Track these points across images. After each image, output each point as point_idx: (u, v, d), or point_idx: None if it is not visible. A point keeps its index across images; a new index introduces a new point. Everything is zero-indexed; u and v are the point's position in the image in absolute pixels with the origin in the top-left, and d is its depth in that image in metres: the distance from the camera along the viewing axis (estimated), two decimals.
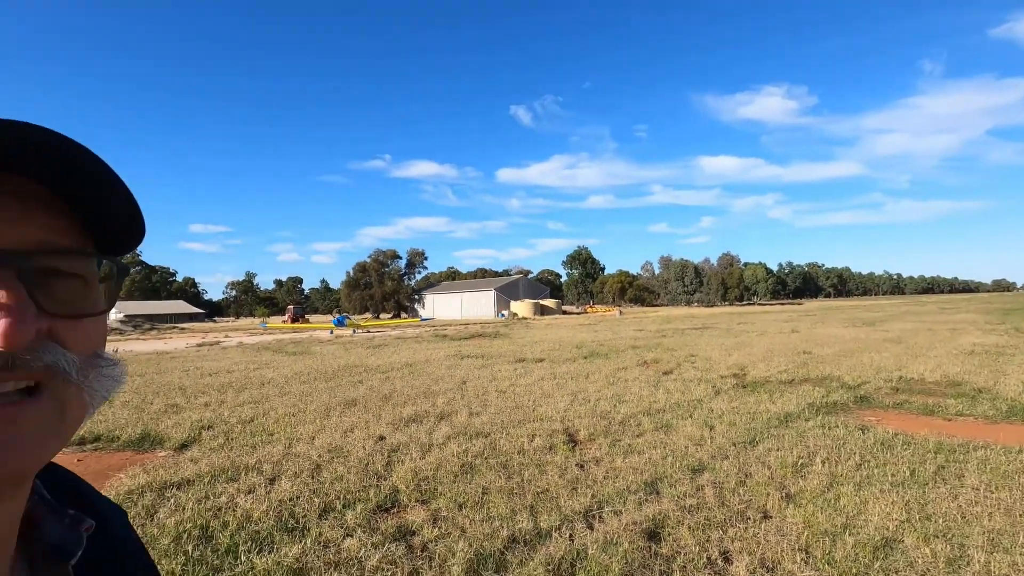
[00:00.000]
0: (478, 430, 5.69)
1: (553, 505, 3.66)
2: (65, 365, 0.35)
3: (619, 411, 6.45)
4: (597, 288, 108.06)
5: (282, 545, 3.13)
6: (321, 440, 5.45)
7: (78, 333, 0.37)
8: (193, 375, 11.20)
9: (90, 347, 0.38)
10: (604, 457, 4.72)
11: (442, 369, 11.06)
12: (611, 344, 15.63)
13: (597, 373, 9.76)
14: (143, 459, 5.06)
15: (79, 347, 0.37)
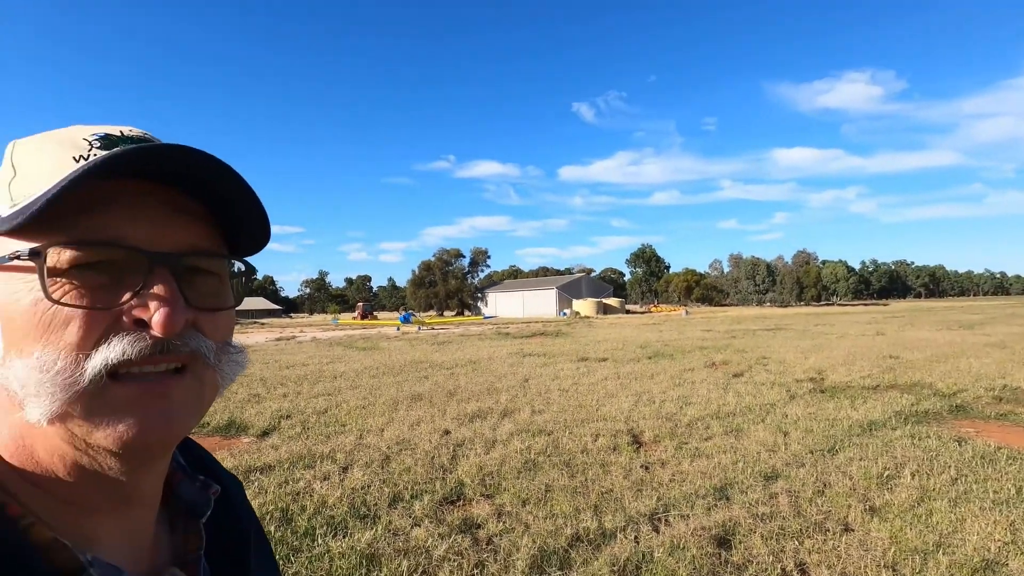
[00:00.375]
0: (541, 428, 5.71)
1: (617, 506, 3.62)
2: (205, 351, 0.40)
3: (686, 413, 6.27)
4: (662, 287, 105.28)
5: (355, 531, 3.28)
6: (390, 432, 5.66)
7: (214, 324, 0.42)
8: (272, 367, 11.92)
9: (222, 336, 0.43)
10: (670, 460, 4.61)
11: (505, 367, 11.17)
12: (677, 344, 15.21)
13: (662, 374, 9.53)
14: (230, 444, 5.45)
15: (215, 336, 0.42)
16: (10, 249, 0.36)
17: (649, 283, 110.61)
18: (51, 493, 0.38)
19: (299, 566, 2.85)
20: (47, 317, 0.36)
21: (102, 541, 0.40)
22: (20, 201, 0.37)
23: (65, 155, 0.39)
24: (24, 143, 0.42)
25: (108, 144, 0.40)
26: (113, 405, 0.36)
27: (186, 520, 0.49)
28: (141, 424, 0.37)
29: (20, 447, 0.38)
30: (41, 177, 0.38)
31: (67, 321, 0.36)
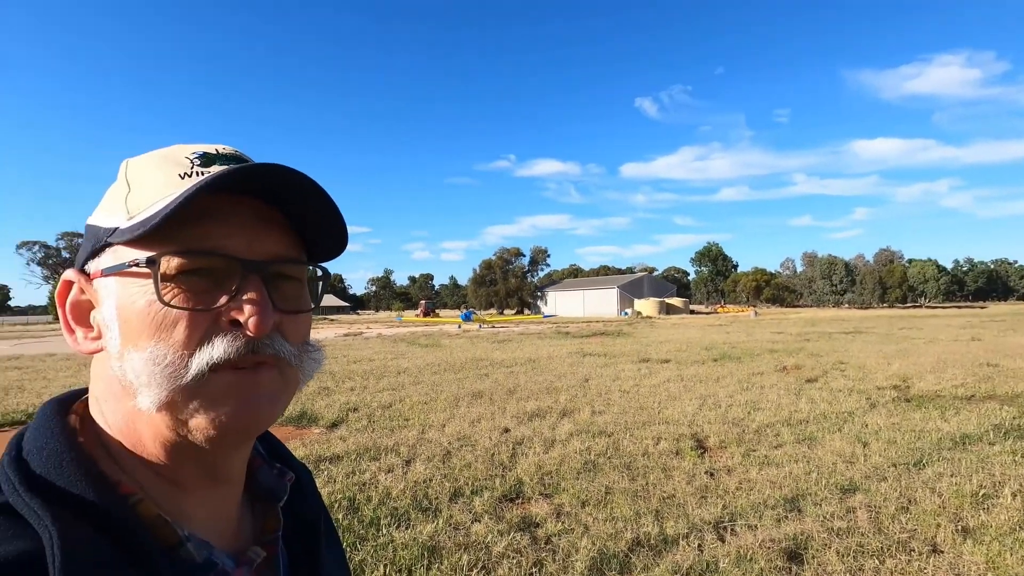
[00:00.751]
0: (601, 429, 5.65)
1: (680, 512, 3.52)
2: (286, 353, 0.45)
3: (754, 419, 6.01)
4: (729, 287, 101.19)
5: (417, 523, 3.37)
6: (451, 428, 5.77)
7: (296, 326, 0.46)
8: (341, 362, 12.45)
9: (302, 337, 0.48)
10: (737, 467, 4.43)
11: (564, 366, 11.13)
12: (745, 347, 14.59)
13: (729, 377, 9.18)
14: (302, 434, 5.74)
15: (295, 337, 0.46)
16: (129, 257, 0.41)
17: (715, 283, 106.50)
18: (155, 473, 0.43)
19: (365, 554, 2.97)
20: (159, 317, 0.41)
21: (195, 518, 0.44)
22: (136, 214, 0.42)
23: (172, 172, 0.44)
24: (136, 161, 0.47)
25: (206, 161, 0.45)
26: (212, 395, 0.41)
27: (265, 504, 0.53)
28: (235, 412, 0.42)
29: (130, 431, 0.43)
30: (153, 193, 0.43)
31: (175, 321, 0.41)
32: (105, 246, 0.43)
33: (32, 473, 0.38)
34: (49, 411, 0.43)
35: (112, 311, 0.42)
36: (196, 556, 0.42)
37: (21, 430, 0.43)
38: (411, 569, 2.83)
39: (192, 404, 0.41)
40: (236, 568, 0.46)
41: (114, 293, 0.42)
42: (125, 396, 0.42)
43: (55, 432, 0.41)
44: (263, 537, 0.51)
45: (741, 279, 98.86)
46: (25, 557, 0.34)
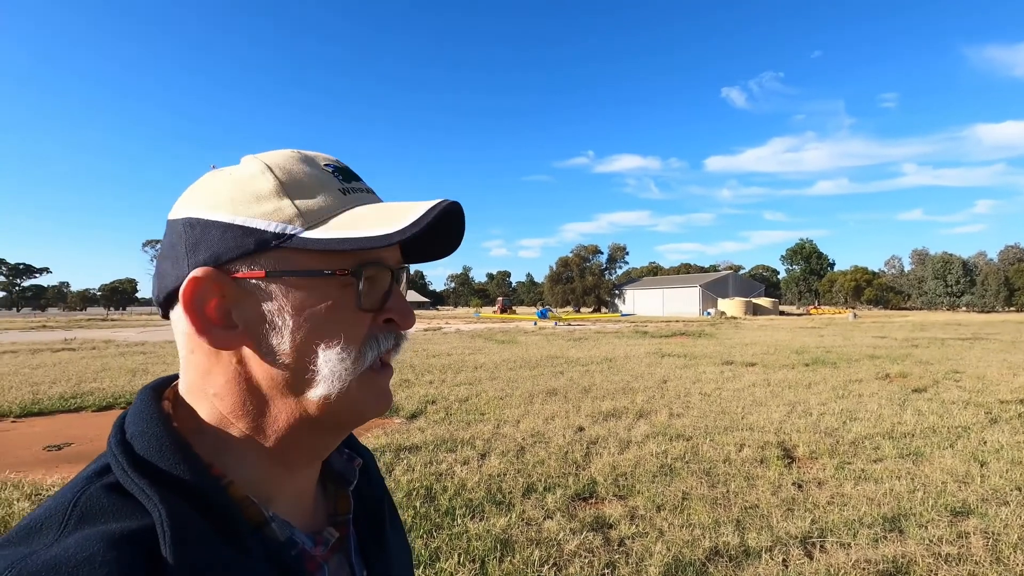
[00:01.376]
0: (679, 432, 5.47)
1: (763, 523, 3.34)
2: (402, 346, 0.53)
3: (850, 430, 5.58)
4: (824, 286, 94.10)
5: (491, 515, 3.44)
6: (525, 424, 5.82)
7: None
8: (421, 356, 12.91)
9: None
10: (829, 480, 4.13)
11: (642, 366, 10.87)
12: (841, 351, 13.53)
13: (822, 383, 8.56)
14: (384, 424, 6.02)
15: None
16: (321, 265, 0.45)
17: (808, 282, 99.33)
18: (250, 458, 0.46)
19: (440, 542, 3.07)
20: (351, 319, 0.47)
21: (279, 500, 0.48)
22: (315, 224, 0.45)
23: (330, 186, 0.48)
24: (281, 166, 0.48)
25: (346, 176, 0.51)
26: (369, 385, 0.48)
27: (336, 486, 0.57)
28: (378, 400, 0.50)
29: (219, 419, 0.46)
30: (325, 205, 0.47)
31: (359, 321, 0.47)
32: (271, 248, 0.44)
33: (137, 455, 0.42)
34: (146, 397, 0.47)
35: (287, 311, 0.44)
36: (279, 535, 0.45)
37: (123, 414, 0.47)
38: (484, 560, 2.89)
39: (355, 392, 0.47)
40: (314, 547, 0.49)
41: (291, 294, 0.45)
42: (271, 389, 0.46)
43: (153, 417, 0.44)
44: (335, 518, 0.55)
45: (838, 278, 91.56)
46: (137, 533, 0.37)
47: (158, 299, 0.48)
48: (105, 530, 0.37)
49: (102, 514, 0.38)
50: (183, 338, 0.47)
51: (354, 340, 0.46)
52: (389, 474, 4.19)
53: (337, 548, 0.52)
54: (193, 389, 0.47)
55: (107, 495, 0.40)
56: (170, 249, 0.47)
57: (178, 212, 0.47)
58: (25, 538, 0.37)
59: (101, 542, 0.36)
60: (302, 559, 0.47)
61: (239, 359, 0.46)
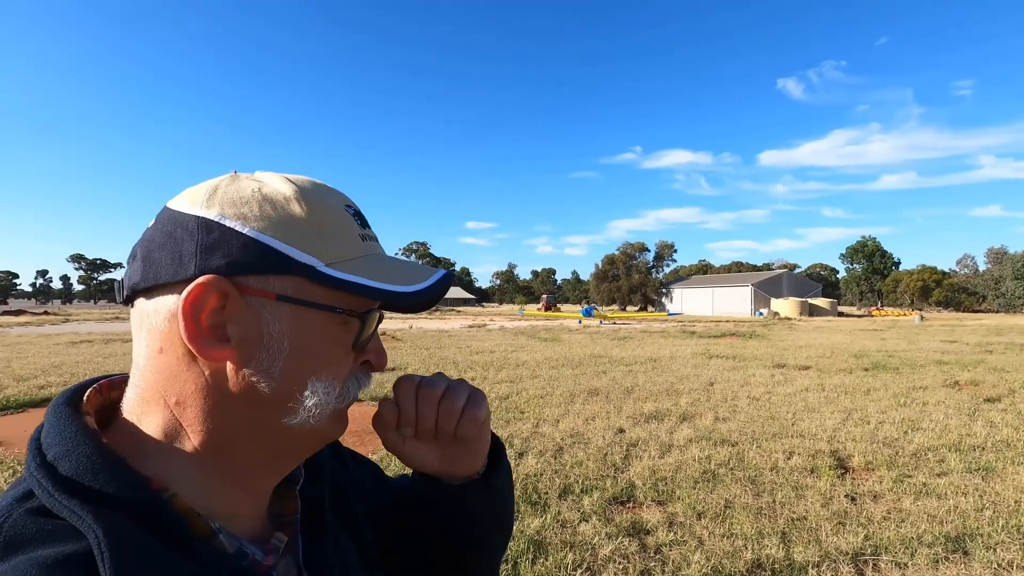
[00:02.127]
0: (724, 437, 5.29)
1: (812, 537, 3.18)
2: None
3: (911, 440, 5.24)
4: (888, 287, 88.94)
5: (525, 516, 3.43)
6: (564, 424, 5.77)
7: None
8: (464, 352, 13.04)
9: None
10: (885, 493, 3.90)
11: (688, 368, 10.59)
12: (905, 356, 12.75)
13: (882, 390, 8.09)
14: None
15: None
16: (331, 300, 0.46)
17: (871, 282, 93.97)
18: (199, 471, 0.45)
19: None
20: (341, 354, 0.48)
21: (224, 514, 0.46)
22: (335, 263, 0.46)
23: (352, 231, 0.49)
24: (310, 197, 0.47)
25: (363, 223, 0.52)
26: (341, 415, 0.51)
27: (282, 487, 0.54)
28: (343, 424, 0.52)
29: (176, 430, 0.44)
30: (346, 249, 0.48)
31: (347, 360, 0.49)
32: (289, 274, 0.44)
33: (63, 477, 0.39)
34: (63, 414, 0.43)
35: (285, 336, 0.44)
36: (228, 547, 0.44)
37: (35, 434, 0.44)
38: (516, 561, 2.88)
39: (326, 423, 0.48)
40: (264, 556, 0.48)
41: (296, 322, 0.45)
42: (245, 408, 0.45)
43: (78, 436, 0.41)
44: (281, 519, 0.53)
45: (903, 278, 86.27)
46: (75, 555, 0.36)
47: (136, 286, 0.44)
48: (37, 556, 0.35)
49: (31, 540, 0.36)
50: (153, 335, 0.44)
51: (339, 376, 0.49)
52: None
53: (286, 551, 0.51)
54: (149, 393, 0.45)
55: (33, 520, 0.38)
56: (170, 242, 0.44)
57: (189, 207, 0.45)
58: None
59: (35, 569, 0.34)
60: (252, 569, 0.46)
61: (214, 371, 0.44)
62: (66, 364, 10.26)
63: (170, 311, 0.43)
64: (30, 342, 15.51)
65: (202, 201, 0.45)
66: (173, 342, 0.43)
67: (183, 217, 0.44)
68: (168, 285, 0.43)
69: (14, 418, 6.10)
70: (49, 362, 10.58)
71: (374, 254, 0.51)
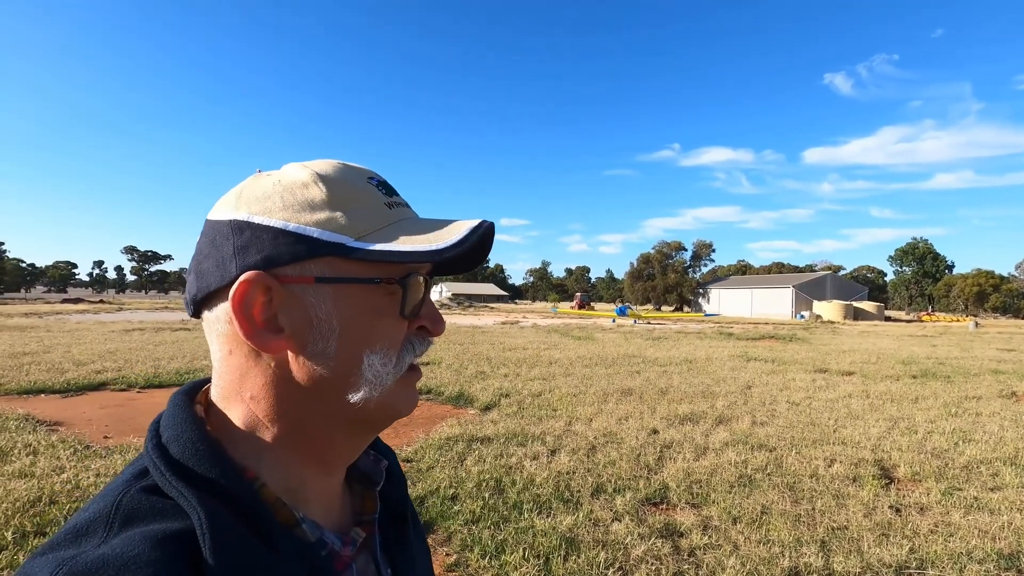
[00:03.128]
0: (762, 442, 5.18)
1: (853, 547, 3.09)
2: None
3: (962, 452, 5.01)
4: (940, 291, 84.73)
5: (558, 513, 3.44)
6: (597, 423, 5.75)
7: None
8: (497, 348, 13.11)
9: None
10: (933, 506, 3.75)
11: (724, 370, 10.38)
12: (957, 364, 12.17)
13: (932, 399, 7.75)
14: (459, 413, 6.18)
15: None
16: (370, 273, 0.48)
17: (921, 286, 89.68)
18: (282, 461, 0.48)
19: (506, 535, 3.11)
20: (392, 325, 0.49)
21: (309, 502, 0.50)
22: (365, 234, 0.47)
23: (377, 200, 0.50)
24: (330, 177, 0.49)
25: (388, 190, 0.52)
26: (405, 387, 0.52)
27: (362, 486, 0.58)
28: (409, 401, 0.53)
29: (252, 423, 0.48)
30: (374, 219, 0.48)
31: (399, 328, 0.50)
32: (322, 256, 0.46)
33: (172, 459, 0.44)
34: (179, 402, 0.49)
35: (334, 316, 0.46)
36: (310, 536, 0.47)
37: (157, 417, 0.49)
38: (548, 557, 2.90)
39: (392, 394, 0.50)
40: (343, 547, 0.51)
41: (340, 300, 0.46)
42: (312, 392, 0.47)
43: (187, 422, 0.46)
44: (361, 517, 0.57)
45: (957, 282, 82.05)
46: (178, 533, 0.39)
47: (195, 298, 0.48)
48: (148, 531, 0.39)
49: (144, 516, 0.40)
50: (221, 339, 0.48)
51: (394, 345, 0.49)
52: (461, 464, 4.30)
53: (363, 547, 0.54)
54: (228, 391, 0.48)
55: (147, 497, 0.42)
56: (213, 250, 0.47)
57: (222, 214, 0.48)
58: (73, 540, 0.39)
59: (145, 542, 0.38)
60: (331, 559, 0.49)
61: (279, 362, 0.47)
62: (120, 351, 10.80)
63: (227, 314, 0.46)
64: (87, 329, 16.39)
65: (231, 205, 0.48)
66: (238, 342, 0.47)
67: (218, 224, 0.48)
68: (219, 291, 0.46)
69: (74, 400, 6.47)
70: (105, 348, 11.16)
71: (405, 219, 0.50)
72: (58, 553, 0.37)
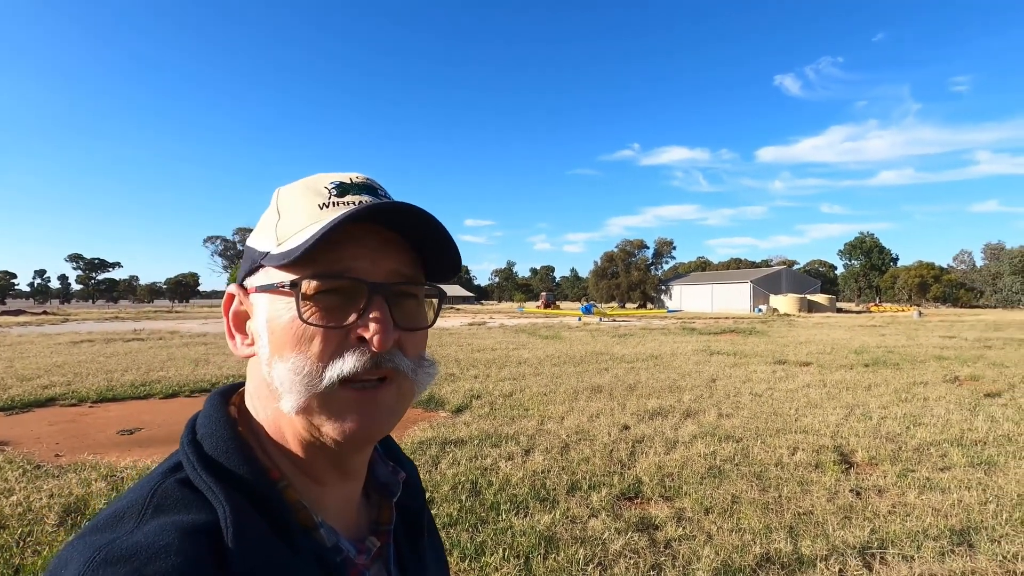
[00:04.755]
0: (728, 433, 5.33)
1: (819, 531, 3.22)
2: (404, 367, 0.49)
3: (914, 435, 5.28)
4: (886, 283, 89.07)
5: (535, 512, 3.46)
6: (569, 421, 5.81)
7: (414, 341, 0.51)
8: (465, 350, 13.06)
9: (419, 352, 0.52)
10: (890, 487, 3.94)
11: (689, 364, 10.64)
12: (905, 352, 12.82)
13: (883, 386, 8.14)
14: (430, 417, 6.13)
15: (413, 352, 0.51)
16: (277, 279, 0.48)
17: (869, 278, 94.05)
18: (295, 465, 0.50)
19: (485, 536, 3.11)
20: (299, 332, 0.46)
21: (326, 508, 0.51)
22: (284, 240, 0.48)
23: (313, 203, 0.50)
24: (285, 191, 0.53)
25: (342, 191, 0.50)
26: (339, 405, 0.47)
27: (379, 496, 0.59)
28: (357, 422, 0.47)
29: (276, 427, 0.50)
30: (298, 222, 0.49)
31: (312, 336, 0.46)
32: (259, 267, 0.50)
33: (205, 455, 0.47)
34: (215, 402, 0.52)
35: (263, 323, 0.49)
36: (326, 540, 0.48)
37: (195, 414, 0.52)
38: (528, 556, 2.91)
39: (323, 411, 0.46)
40: (357, 554, 0.52)
41: (265, 308, 0.49)
42: (271, 397, 0.49)
43: (220, 421, 0.49)
44: (377, 527, 0.57)
45: (901, 274, 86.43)
46: (205, 525, 0.42)
47: None
48: (178, 520, 0.41)
49: (175, 507, 0.43)
50: None
51: (310, 355, 0.46)
52: (435, 467, 4.27)
53: (377, 556, 0.54)
54: (251, 397, 0.53)
55: (179, 490, 0.44)
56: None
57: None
58: (110, 525, 0.41)
59: (175, 531, 0.40)
60: (346, 565, 0.49)
61: (256, 366, 0.51)
62: (68, 363, 10.27)
63: None
64: (31, 342, 15.49)
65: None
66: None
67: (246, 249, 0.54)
68: None
69: (20, 417, 6.11)
70: (51, 362, 10.58)
71: (328, 219, 0.46)
72: (95, 538, 0.40)
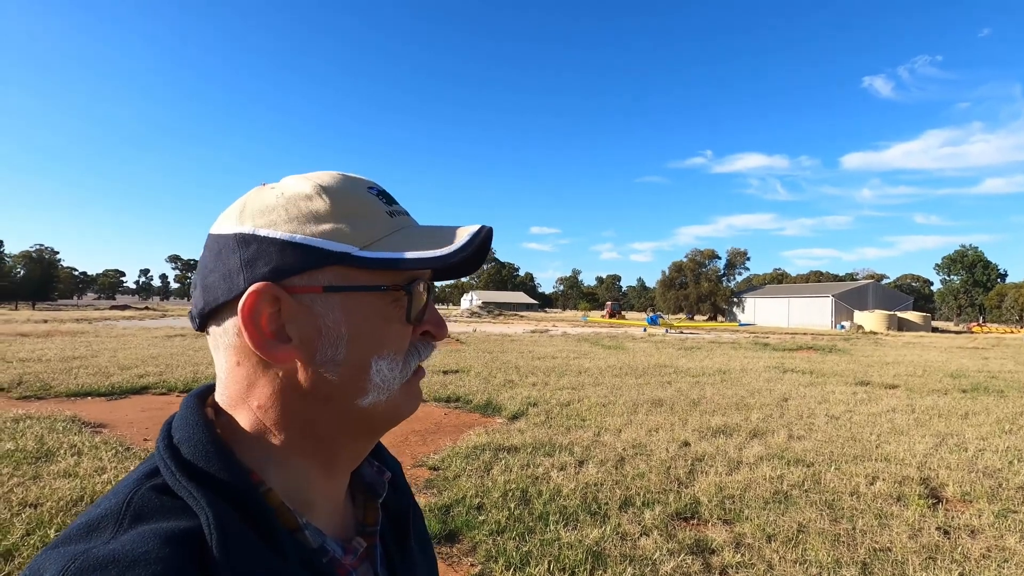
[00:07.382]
0: (798, 456, 4.99)
1: (897, 570, 2.94)
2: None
3: (1017, 471, 4.73)
4: (992, 301, 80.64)
5: (585, 525, 3.38)
6: (627, 434, 5.65)
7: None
8: (526, 357, 13.07)
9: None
10: (986, 528, 3.54)
11: (760, 381, 10.09)
12: (1011, 378, 11.52)
13: (984, 414, 7.36)
14: (486, 422, 6.16)
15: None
16: (375, 280, 0.49)
17: (971, 295, 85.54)
18: (278, 466, 0.49)
19: (531, 546, 3.07)
20: (400, 331, 0.50)
21: (312, 508, 0.50)
22: (370, 244, 0.48)
23: (379, 209, 0.51)
24: (333, 189, 0.50)
25: (388, 200, 0.53)
26: (413, 391, 0.53)
27: (365, 497, 0.58)
28: (416, 403, 0.54)
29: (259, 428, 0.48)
30: (378, 228, 0.49)
31: (405, 334, 0.51)
32: (329, 265, 0.46)
33: (183, 459, 0.45)
34: (191, 404, 0.50)
35: (341, 323, 0.47)
36: (312, 542, 0.47)
37: (169, 419, 0.50)
38: (574, 570, 2.84)
39: (398, 398, 0.51)
40: (344, 555, 0.51)
41: (347, 309, 0.47)
42: (320, 400, 0.48)
43: (198, 424, 0.47)
44: (363, 528, 0.56)
45: (1010, 292, 77.94)
46: (186, 532, 0.40)
47: (202, 312, 0.49)
48: (158, 528, 0.40)
49: (154, 513, 0.41)
50: (229, 351, 0.48)
51: (400, 350, 0.50)
52: (487, 473, 4.28)
53: (364, 557, 0.54)
54: (234, 400, 0.49)
55: (158, 496, 0.43)
56: (219, 263, 0.48)
57: (227, 227, 0.48)
58: (84, 535, 0.40)
59: (155, 539, 0.39)
60: (332, 566, 0.49)
61: (287, 371, 0.47)
62: (162, 356, 11.21)
63: (236, 326, 0.47)
64: (133, 335, 17.07)
65: (235, 219, 0.48)
66: (246, 353, 0.48)
67: (223, 238, 0.48)
68: (227, 303, 0.47)
69: (118, 403, 6.73)
70: (148, 353, 11.60)
71: (406, 227, 0.51)
72: (69, 547, 0.38)
